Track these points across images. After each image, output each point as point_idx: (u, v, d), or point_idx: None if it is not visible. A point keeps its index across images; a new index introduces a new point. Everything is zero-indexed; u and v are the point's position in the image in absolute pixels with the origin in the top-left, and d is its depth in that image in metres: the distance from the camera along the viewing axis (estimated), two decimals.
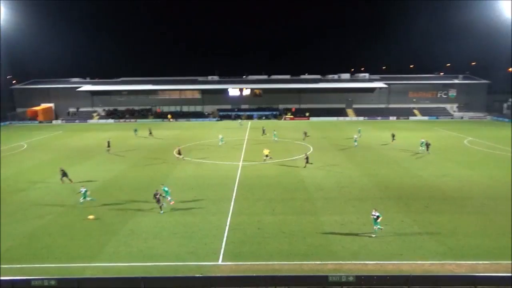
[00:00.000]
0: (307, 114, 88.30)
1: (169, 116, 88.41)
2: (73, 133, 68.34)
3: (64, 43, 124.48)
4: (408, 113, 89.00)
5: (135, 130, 64.61)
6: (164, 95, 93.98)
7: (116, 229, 23.26)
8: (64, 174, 33.75)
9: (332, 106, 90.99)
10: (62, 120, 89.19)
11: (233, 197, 29.06)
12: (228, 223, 23.88)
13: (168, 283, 16.92)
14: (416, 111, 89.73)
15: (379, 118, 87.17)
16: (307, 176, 34.70)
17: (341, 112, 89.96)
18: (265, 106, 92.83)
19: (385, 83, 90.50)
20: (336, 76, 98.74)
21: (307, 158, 38.60)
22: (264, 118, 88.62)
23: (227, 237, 21.89)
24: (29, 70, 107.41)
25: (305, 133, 57.67)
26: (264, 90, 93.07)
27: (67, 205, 27.79)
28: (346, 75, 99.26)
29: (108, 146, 47.85)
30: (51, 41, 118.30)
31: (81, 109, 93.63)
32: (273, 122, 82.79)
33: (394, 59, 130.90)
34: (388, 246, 20.39)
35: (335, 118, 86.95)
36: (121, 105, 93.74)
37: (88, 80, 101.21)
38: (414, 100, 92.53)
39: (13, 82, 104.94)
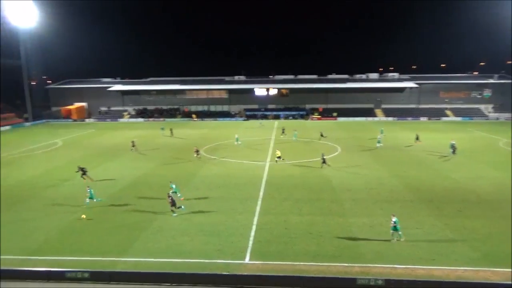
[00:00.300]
0: (334, 114, 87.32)
1: (193, 115, 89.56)
2: (104, 131, 70.34)
3: (96, 44, 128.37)
4: (440, 113, 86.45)
5: (162, 129, 65.96)
6: (191, 95, 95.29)
7: (145, 226, 23.75)
8: (84, 172, 34.23)
9: (360, 106, 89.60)
10: (95, 118, 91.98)
11: (260, 196, 29.09)
12: (255, 222, 23.92)
13: (196, 279, 17.14)
14: (448, 112, 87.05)
15: (409, 118, 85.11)
16: (334, 177, 34.29)
17: (369, 113, 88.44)
18: (291, 106, 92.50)
19: (416, 83, 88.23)
20: (364, 76, 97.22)
21: (323, 158, 38.21)
22: (291, 118, 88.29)
23: (254, 236, 21.93)
24: (63, 71, 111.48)
25: (322, 134, 57.11)
26: (290, 90, 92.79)
27: (98, 202, 28.56)
28: (375, 75, 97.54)
29: (133, 145, 48.78)
30: (83, 42, 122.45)
31: (112, 108, 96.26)
32: (299, 122, 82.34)
33: (424, 59, 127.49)
34: (418, 250, 19.85)
35: (363, 119, 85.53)
36: (150, 104, 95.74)
37: (118, 80, 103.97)
38: (446, 100, 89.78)
39: (48, 82, 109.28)
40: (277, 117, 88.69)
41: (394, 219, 20.91)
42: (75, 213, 26.11)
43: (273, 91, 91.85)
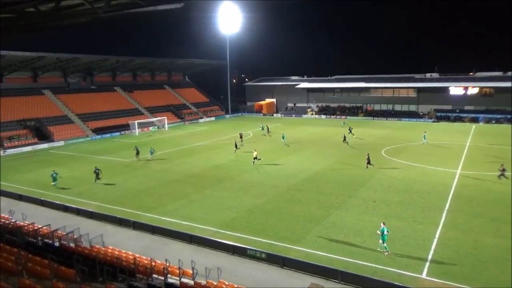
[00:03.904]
0: None
1: (309, 110, 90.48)
2: (289, 126, 75.19)
3: (287, 44, 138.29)
4: None
5: (344, 123, 66.30)
6: (376, 93, 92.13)
7: (319, 219, 24.44)
8: (137, 152, 44.46)
9: None
10: (281, 114, 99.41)
11: (446, 208, 25.99)
12: (437, 236, 21.57)
13: (364, 282, 16.64)
14: None
15: None
16: None
17: None
18: (495, 108, 78.63)
19: None
20: None
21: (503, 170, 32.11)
22: (493, 122, 75.36)
23: (434, 250, 19.80)
24: (258, 69, 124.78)
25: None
26: (496, 89, 78.96)
27: (280, 190, 30.96)
28: None
29: (238, 144, 49.49)
30: (277, 43, 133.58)
31: (297, 105, 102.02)
32: (504, 127, 69.29)
33: None
34: None
35: None
36: (333, 102, 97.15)
37: (305, 78, 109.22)
38: None
39: (246, 80, 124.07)
40: (475, 120, 77.04)
41: (383, 227, 19.69)
42: (262, 197, 28.97)
43: (473, 90, 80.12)
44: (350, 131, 57.31)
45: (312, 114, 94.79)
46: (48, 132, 60.86)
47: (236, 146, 47.48)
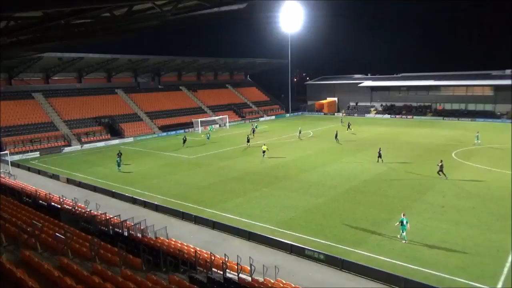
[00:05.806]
0: None
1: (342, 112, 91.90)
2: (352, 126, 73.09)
3: (351, 42, 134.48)
4: None
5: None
6: (447, 92, 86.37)
7: (381, 223, 23.49)
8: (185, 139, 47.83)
9: None
10: (343, 113, 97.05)
11: None
12: None
13: None
14: None
15: None
16: None
17: None
18: None
19: None
20: None
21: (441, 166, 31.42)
22: None
23: (511, 263, 18.11)
24: (320, 68, 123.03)
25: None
26: None
27: (340, 191, 30.27)
28: None
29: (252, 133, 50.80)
30: (339, 40, 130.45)
31: (360, 104, 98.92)
32: None
33: None
34: None
35: None
36: (399, 100, 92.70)
37: (369, 76, 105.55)
38: None
39: (307, 78, 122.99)
40: None
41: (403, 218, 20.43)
42: (321, 197, 28.56)
43: None
44: (349, 127, 62.98)
45: (374, 113, 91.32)
46: (119, 128, 65.15)
47: (248, 140, 51.12)
